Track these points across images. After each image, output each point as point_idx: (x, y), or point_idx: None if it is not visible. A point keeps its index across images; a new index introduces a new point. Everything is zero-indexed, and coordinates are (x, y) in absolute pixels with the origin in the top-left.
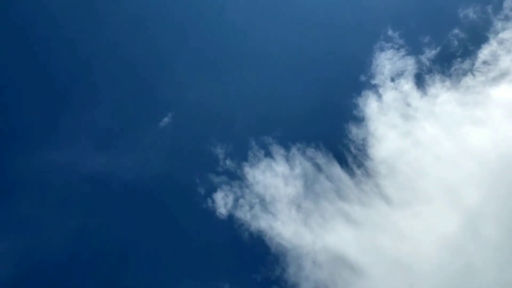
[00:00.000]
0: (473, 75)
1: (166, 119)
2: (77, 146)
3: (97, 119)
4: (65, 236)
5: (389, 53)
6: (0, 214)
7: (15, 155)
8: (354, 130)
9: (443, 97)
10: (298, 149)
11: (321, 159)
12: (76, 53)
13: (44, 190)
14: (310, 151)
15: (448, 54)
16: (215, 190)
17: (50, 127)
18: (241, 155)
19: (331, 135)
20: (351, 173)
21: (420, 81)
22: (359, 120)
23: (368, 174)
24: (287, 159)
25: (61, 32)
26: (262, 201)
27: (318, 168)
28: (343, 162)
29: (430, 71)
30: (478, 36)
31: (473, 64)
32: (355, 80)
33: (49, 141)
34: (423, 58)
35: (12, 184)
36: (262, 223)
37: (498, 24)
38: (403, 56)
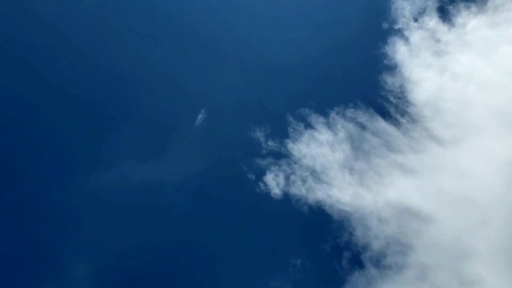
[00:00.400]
0: None
1: (200, 116)
2: (125, 162)
3: (137, 132)
4: (137, 247)
5: None
6: (74, 237)
7: (71, 182)
8: (389, 80)
9: (472, 23)
10: (337, 113)
11: (362, 117)
12: (105, 70)
13: (105, 209)
14: (350, 112)
15: None
16: (264, 173)
17: (96, 149)
18: (282, 133)
19: (367, 90)
20: (396, 124)
21: (444, 14)
22: (392, 68)
23: (413, 120)
24: (329, 126)
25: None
26: (313, 173)
27: (362, 126)
28: (385, 114)
29: (452, 1)
30: None
31: None
32: (378, 29)
33: (99, 163)
34: None
35: (76, 209)
36: (319, 193)
37: None
38: None
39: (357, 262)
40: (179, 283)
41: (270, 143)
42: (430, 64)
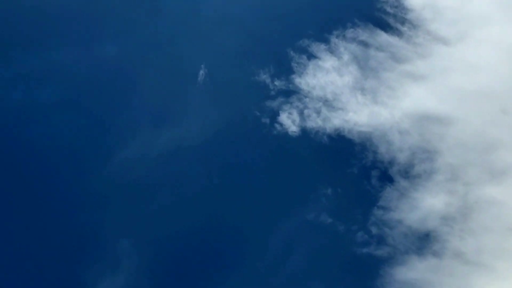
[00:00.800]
0: None
1: (202, 72)
2: (139, 136)
3: (143, 105)
4: (172, 215)
5: None
6: (110, 216)
7: (94, 165)
8: None
9: None
10: (337, 37)
11: (363, 35)
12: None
13: (132, 184)
14: (349, 32)
15: None
16: (277, 114)
17: (109, 130)
18: (286, 70)
19: (362, 6)
20: (398, 33)
21: None
22: None
23: (414, 26)
24: (331, 51)
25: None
26: (326, 102)
27: (365, 44)
28: (385, 26)
29: None
30: None
31: None
32: None
33: (115, 142)
34: None
35: (104, 189)
36: (335, 121)
37: None
38: None
39: (386, 178)
40: (216, 235)
41: (276, 82)
42: None
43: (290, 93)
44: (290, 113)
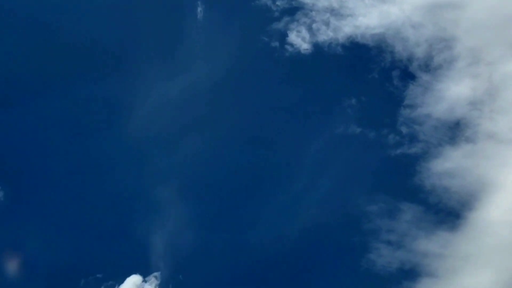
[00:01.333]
0: None
1: (199, 8)
2: (154, 89)
3: (150, 56)
4: (210, 157)
5: None
6: (147, 171)
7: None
8: None
9: None
10: None
11: None
12: None
13: (161, 131)
14: None
15: None
16: (286, 35)
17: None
18: None
19: None
20: None
21: None
22: None
23: None
24: None
25: None
26: (333, 11)
27: None
28: None
29: None
30: None
31: None
32: None
33: (129, 102)
34: None
35: (133, 138)
36: (346, 29)
37: None
38: None
39: (407, 76)
40: (252, 165)
41: (278, 2)
42: None
43: (295, 10)
44: (298, 31)
